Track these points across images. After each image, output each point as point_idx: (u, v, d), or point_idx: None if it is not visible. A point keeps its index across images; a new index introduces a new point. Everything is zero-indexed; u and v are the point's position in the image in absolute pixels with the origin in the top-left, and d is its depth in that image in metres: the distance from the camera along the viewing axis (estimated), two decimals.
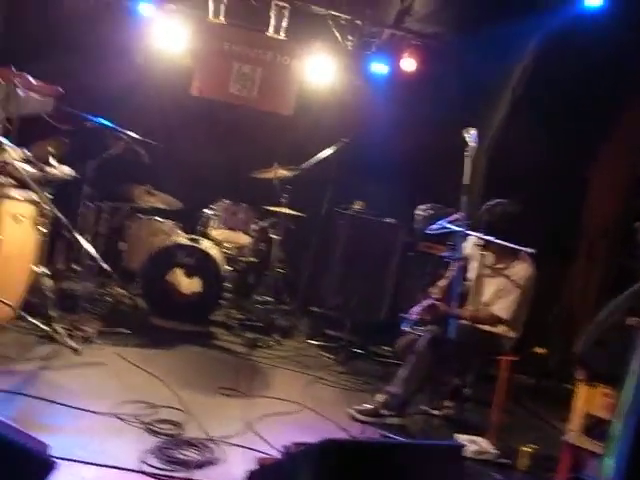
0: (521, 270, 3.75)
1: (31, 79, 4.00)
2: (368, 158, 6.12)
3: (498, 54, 5.52)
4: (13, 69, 3.90)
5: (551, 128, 5.39)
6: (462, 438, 3.49)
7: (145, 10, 5.91)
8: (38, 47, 5.48)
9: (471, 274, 3.95)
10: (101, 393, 3.38)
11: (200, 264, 5.02)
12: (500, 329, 3.78)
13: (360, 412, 3.78)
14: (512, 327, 3.78)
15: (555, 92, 5.31)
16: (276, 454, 2.93)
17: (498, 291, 3.80)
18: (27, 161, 4.11)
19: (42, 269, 4.27)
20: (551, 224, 5.21)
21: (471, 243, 3.96)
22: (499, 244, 3.66)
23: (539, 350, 3.92)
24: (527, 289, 3.75)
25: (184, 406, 3.39)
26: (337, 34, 6.31)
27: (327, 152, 5.61)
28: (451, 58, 6.14)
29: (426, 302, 3.88)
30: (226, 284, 5.27)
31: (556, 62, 5.31)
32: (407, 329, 3.84)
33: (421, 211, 5.66)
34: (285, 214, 5.62)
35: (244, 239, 5.64)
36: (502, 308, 3.73)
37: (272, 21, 6.12)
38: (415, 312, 3.84)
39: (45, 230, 4.28)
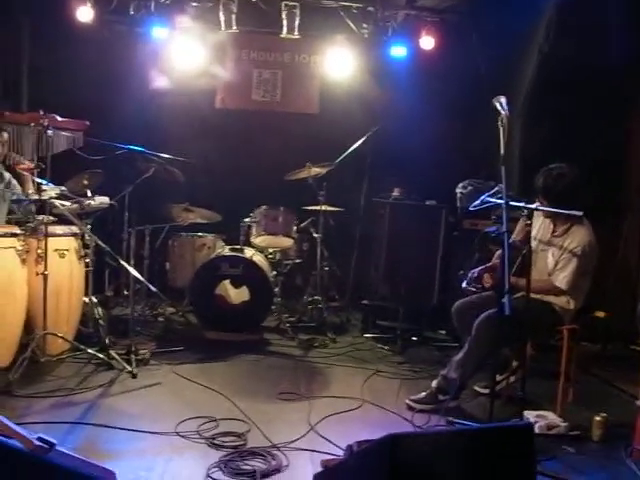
0: (578, 237, 3.55)
1: (58, 118, 4.09)
2: (400, 143, 6.01)
3: (518, 14, 5.30)
4: (42, 112, 4.00)
5: (585, 82, 5.13)
6: (530, 414, 3.38)
7: (159, 33, 5.98)
8: (62, 86, 5.61)
9: (533, 243, 3.76)
10: (161, 413, 3.40)
11: (246, 273, 5.04)
12: (561, 300, 3.61)
13: (417, 401, 3.70)
14: (574, 298, 3.59)
15: (585, 42, 5.04)
16: (341, 454, 2.89)
17: (557, 261, 3.62)
18: (64, 196, 4.21)
19: (92, 299, 4.37)
20: (597, 181, 4.95)
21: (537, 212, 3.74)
22: (550, 211, 3.47)
23: (600, 314, 3.72)
24: (587, 257, 3.53)
25: (245, 416, 3.38)
26: (351, 24, 6.24)
27: (358, 143, 5.53)
28: (470, 29, 5.98)
29: (488, 265, 3.76)
30: (274, 289, 5.27)
31: (580, 9, 5.04)
32: (465, 286, 3.73)
33: (461, 188, 5.55)
34: (324, 211, 5.58)
35: (287, 242, 5.61)
36: (561, 279, 3.55)
37: (284, 22, 6.09)
38: (476, 270, 3.73)
39: (89, 260, 4.38)
